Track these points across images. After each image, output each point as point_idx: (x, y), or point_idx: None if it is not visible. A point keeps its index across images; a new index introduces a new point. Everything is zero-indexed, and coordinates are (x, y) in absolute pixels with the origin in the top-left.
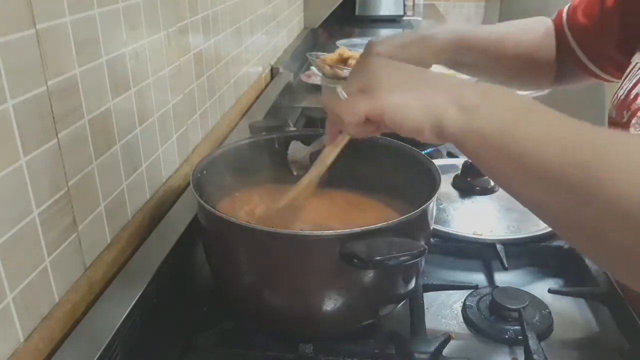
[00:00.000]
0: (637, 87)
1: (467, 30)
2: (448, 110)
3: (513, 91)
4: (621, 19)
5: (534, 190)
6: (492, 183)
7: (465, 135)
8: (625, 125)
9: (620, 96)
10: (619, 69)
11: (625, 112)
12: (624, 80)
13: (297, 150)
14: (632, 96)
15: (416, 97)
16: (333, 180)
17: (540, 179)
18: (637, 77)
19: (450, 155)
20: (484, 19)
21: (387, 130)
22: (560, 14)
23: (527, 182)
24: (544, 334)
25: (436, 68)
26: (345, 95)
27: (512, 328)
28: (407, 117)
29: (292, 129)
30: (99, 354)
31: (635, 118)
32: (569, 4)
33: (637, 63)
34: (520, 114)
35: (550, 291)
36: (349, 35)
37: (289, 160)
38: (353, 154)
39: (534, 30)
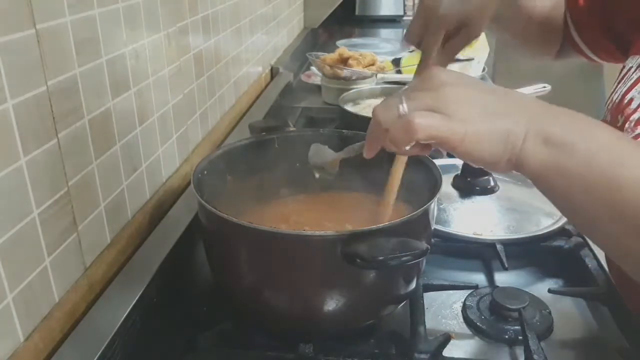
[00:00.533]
0: (631, 92)
1: None
2: (529, 143)
3: (597, 122)
4: (605, 8)
5: (630, 240)
6: (492, 183)
7: (549, 173)
8: (619, 130)
9: (615, 100)
10: (609, 55)
11: (619, 116)
12: (618, 84)
13: (321, 154)
14: (626, 100)
15: (494, 128)
16: (334, 182)
17: None
18: (632, 80)
19: (450, 155)
20: None
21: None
22: None
23: (623, 231)
24: (544, 334)
25: None
26: (406, 110)
27: (512, 328)
28: (484, 150)
29: (292, 129)
30: (99, 354)
31: (628, 122)
32: None
33: (630, 67)
34: (616, 153)
35: (550, 291)
36: (349, 35)
37: (311, 164)
38: (353, 155)
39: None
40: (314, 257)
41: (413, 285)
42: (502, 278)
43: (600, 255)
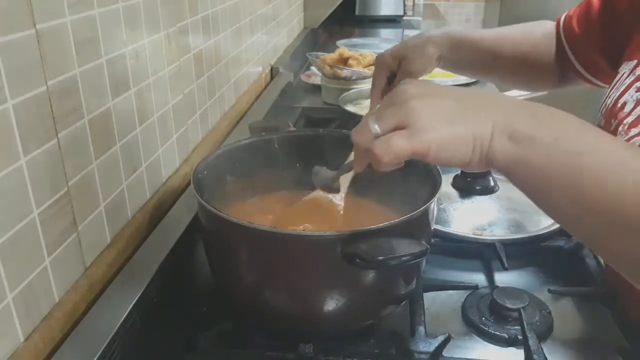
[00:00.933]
0: (624, 96)
1: (462, 30)
2: (497, 141)
3: (567, 115)
4: (602, 29)
5: (596, 229)
6: (492, 183)
7: (518, 168)
8: (613, 134)
9: (609, 105)
10: (608, 76)
11: (612, 120)
12: (612, 89)
13: (322, 176)
14: (619, 105)
15: (461, 132)
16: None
17: (613, 224)
18: (624, 85)
19: None
20: (483, 19)
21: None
22: (559, 19)
23: (590, 220)
24: (544, 334)
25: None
26: (379, 131)
27: (512, 328)
28: (454, 155)
29: (292, 129)
30: (99, 354)
31: (622, 125)
32: (567, 11)
33: (623, 73)
34: (577, 142)
35: (550, 291)
36: (349, 35)
37: (318, 187)
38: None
39: (532, 32)
40: (314, 257)
41: (413, 285)
42: (502, 278)
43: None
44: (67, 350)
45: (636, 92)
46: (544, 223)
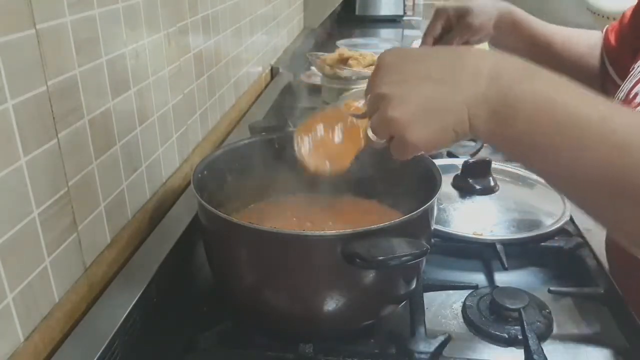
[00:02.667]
0: (636, 87)
1: (524, 12)
2: (475, 122)
3: (540, 71)
4: (633, 33)
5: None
6: (492, 183)
7: (499, 141)
8: None
9: (620, 98)
10: None
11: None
12: (625, 83)
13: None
14: (631, 95)
15: (442, 127)
16: (334, 181)
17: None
18: (637, 78)
19: (450, 155)
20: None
21: None
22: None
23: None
24: (544, 334)
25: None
26: (381, 142)
27: (512, 328)
28: (442, 145)
29: (292, 129)
30: (99, 354)
31: None
32: (607, 26)
33: (638, 67)
34: (560, 113)
35: (550, 291)
36: (349, 35)
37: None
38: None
39: (587, 39)
40: (314, 257)
41: (413, 285)
42: (502, 278)
43: (600, 255)
44: (67, 350)
45: None
46: (544, 223)
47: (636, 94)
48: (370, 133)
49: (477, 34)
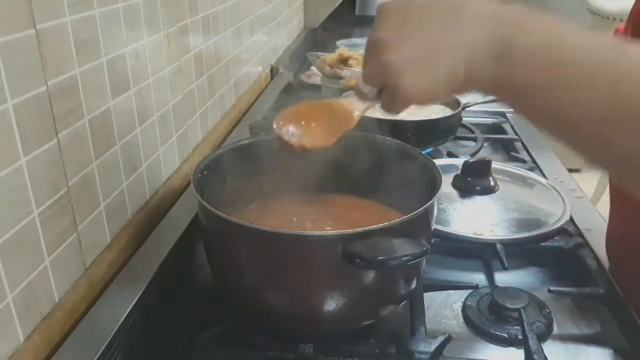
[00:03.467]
0: None
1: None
2: (474, 71)
3: (538, 15)
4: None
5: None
6: (492, 183)
7: (501, 90)
8: None
9: None
10: None
11: None
12: None
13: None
14: None
15: (438, 78)
16: (334, 181)
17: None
18: None
19: (450, 155)
20: None
21: None
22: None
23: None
24: (544, 334)
25: None
26: (373, 92)
27: (512, 328)
28: (437, 97)
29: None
30: (99, 354)
31: None
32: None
33: None
34: (564, 51)
35: (550, 291)
36: (349, 35)
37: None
38: (353, 155)
39: None
40: (314, 257)
41: (413, 285)
42: (502, 278)
43: (600, 255)
44: (67, 350)
45: None
46: (544, 223)
47: None
48: (361, 84)
49: None
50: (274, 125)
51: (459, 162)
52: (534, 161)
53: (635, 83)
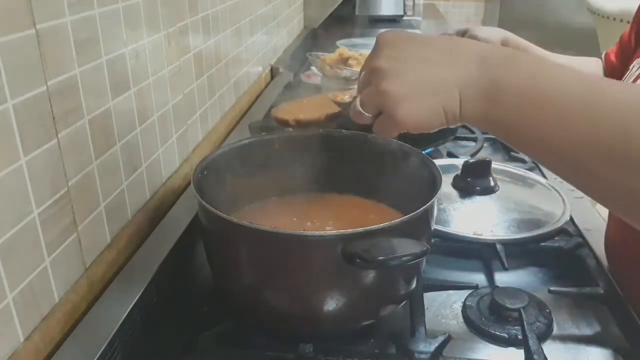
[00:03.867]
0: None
1: (531, 45)
2: (465, 106)
3: (527, 56)
4: (637, 48)
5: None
6: (492, 183)
7: (490, 125)
8: None
9: None
10: None
11: None
12: (625, 79)
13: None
14: None
15: (432, 106)
16: (334, 181)
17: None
18: (634, 77)
19: (450, 155)
20: (483, 19)
21: None
22: (601, 58)
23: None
24: (544, 334)
25: None
26: (369, 116)
27: (512, 328)
28: (430, 126)
29: (292, 129)
30: (99, 354)
31: None
32: (605, 52)
33: (633, 66)
34: (546, 92)
35: (550, 291)
36: (349, 35)
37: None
38: (353, 155)
39: (582, 64)
40: (314, 257)
41: (413, 285)
42: (502, 278)
43: (600, 255)
44: (67, 350)
45: None
46: (544, 223)
47: None
48: (358, 107)
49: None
50: (272, 113)
51: (459, 162)
52: (533, 161)
53: (613, 124)
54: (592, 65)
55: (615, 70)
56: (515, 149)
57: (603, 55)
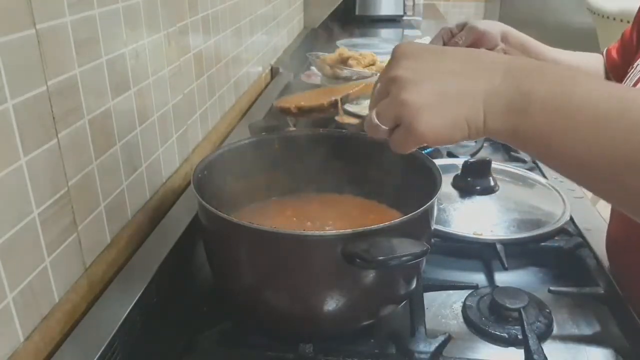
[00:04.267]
0: (637, 86)
1: (526, 36)
2: (490, 119)
3: (550, 66)
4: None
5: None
6: (492, 183)
7: (516, 138)
8: None
9: None
10: None
11: None
12: (625, 82)
13: None
14: None
15: (453, 119)
16: (334, 181)
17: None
18: (637, 77)
19: (450, 155)
20: (484, 19)
21: None
22: (603, 54)
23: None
24: (544, 334)
25: None
26: (385, 128)
27: (512, 328)
28: (451, 139)
29: (292, 129)
30: (99, 354)
31: None
32: (607, 48)
33: (637, 65)
34: (575, 99)
35: (550, 291)
36: (349, 35)
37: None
38: (353, 155)
39: (583, 59)
40: (314, 257)
41: (413, 285)
42: (502, 278)
43: (600, 255)
44: (67, 350)
45: None
46: (544, 223)
47: None
48: (374, 120)
49: (483, 38)
50: (275, 104)
51: (459, 162)
52: (534, 161)
53: None
54: (593, 61)
55: (617, 67)
56: (544, 162)
57: (604, 52)
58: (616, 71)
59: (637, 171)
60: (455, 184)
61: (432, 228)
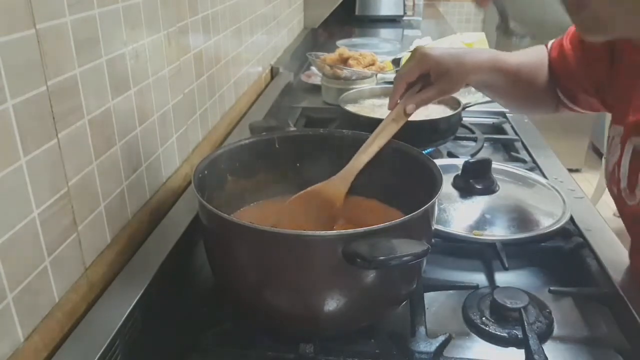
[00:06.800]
0: (622, 162)
1: (491, 51)
2: None
3: None
4: (578, 61)
5: None
6: (492, 183)
7: None
8: (619, 199)
9: (610, 171)
10: (587, 107)
11: (614, 187)
12: (608, 154)
13: None
14: (615, 171)
15: None
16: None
17: None
18: (617, 152)
19: (451, 155)
20: (484, 19)
21: None
22: (546, 46)
23: None
24: (544, 334)
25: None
26: None
27: (512, 328)
28: None
29: (292, 129)
30: (99, 354)
31: (623, 192)
32: (554, 40)
33: (613, 137)
34: None
35: (550, 291)
36: (349, 35)
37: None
38: (353, 155)
39: (534, 57)
40: (314, 257)
41: (413, 285)
42: (502, 278)
43: (600, 255)
44: (67, 350)
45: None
46: (544, 223)
47: (618, 169)
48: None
49: (436, 68)
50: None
51: (459, 162)
52: (534, 161)
53: None
54: (537, 58)
55: (558, 67)
56: None
57: (550, 44)
58: (556, 71)
59: None
60: (456, 184)
61: (433, 228)
